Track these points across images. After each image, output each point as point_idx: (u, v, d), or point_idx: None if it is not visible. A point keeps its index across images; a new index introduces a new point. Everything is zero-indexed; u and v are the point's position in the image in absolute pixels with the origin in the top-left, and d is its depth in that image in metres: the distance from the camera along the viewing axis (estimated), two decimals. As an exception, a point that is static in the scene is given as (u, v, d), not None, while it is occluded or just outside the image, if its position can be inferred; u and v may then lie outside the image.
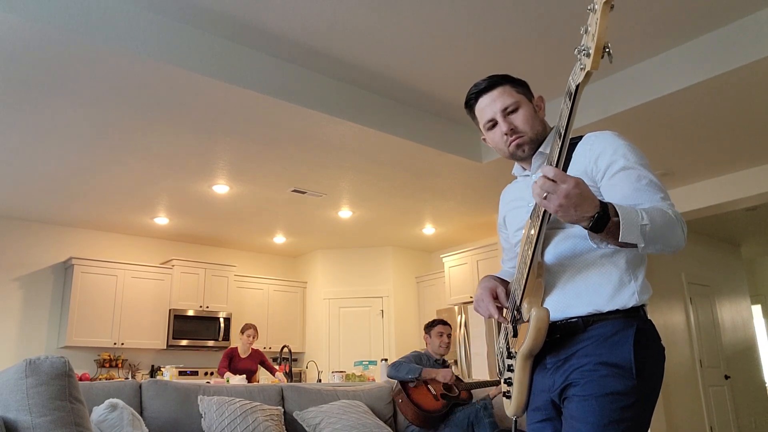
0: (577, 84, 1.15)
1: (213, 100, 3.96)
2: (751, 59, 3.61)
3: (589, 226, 1.23)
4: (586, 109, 4.42)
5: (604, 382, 1.35)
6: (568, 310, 1.44)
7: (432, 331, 4.23)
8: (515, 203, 1.68)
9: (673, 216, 1.31)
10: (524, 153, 1.56)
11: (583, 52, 1.12)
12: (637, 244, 1.25)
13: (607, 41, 1.09)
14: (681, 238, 1.32)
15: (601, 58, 1.09)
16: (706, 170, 5.47)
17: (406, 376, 3.82)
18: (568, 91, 1.18)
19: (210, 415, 3.24)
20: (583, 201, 1.20)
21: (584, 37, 1.13)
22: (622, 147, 1.45)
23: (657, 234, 1.26)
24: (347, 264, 8.18)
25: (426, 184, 5.71)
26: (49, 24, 3.14)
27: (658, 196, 1.37)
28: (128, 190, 5.76)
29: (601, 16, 1.08)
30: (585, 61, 1.11)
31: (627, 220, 1.22)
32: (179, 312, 7.08)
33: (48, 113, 4.10)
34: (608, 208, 1.23)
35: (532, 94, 1.61)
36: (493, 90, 1.57)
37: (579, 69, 1.14)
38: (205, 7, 3.50)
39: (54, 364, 1.84)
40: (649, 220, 1.25)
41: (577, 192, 1.19)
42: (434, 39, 3.84)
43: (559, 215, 1.23)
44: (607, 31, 1.08)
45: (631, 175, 1.40)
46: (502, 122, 1.55)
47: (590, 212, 1.21)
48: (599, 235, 1.26)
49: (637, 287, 1.42)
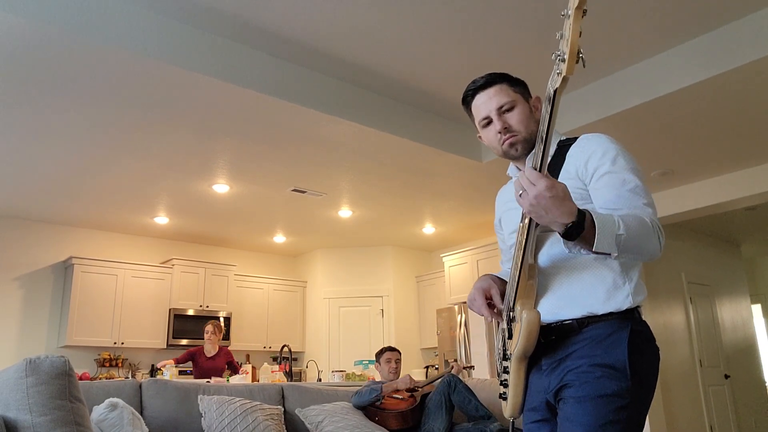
0: (555, 89, 1.18)
1: (213, 99, 3.96)
2: (751, 59, 3.61)
3: (562, 232, 1.24)
4: (586, 109, 4.42)
5: (599, 384, 1.35)
6: (562, 312, 1.44)
7: (381, 358, 4.38)
8: (510, 204, 1.68)
9: (650, 225, 1.32)
10: (517, 152, 1.56)
11: (559, 57, 1.14)
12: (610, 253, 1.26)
13: (579, 46, 1.12)
14: (656, 248, 1.33)
15: (576, 62, 1.12)
16: (705, 170, 5.47)
17: (370, 397, 3.93)
18: (548, 96, 1.20)
19: (210, 414, 3.24)
20: (554, 206, 1.21)
21: (560, 42, 1.15)
22: (612, 150, 1.45)
23: (632, 243, 1.27)
24: (347, 263, 8.18)
25: (426, 183, 5.71)
26: (49, 24, 3.15)
27: (640, 203, 1.37)
28: (128, 190, 5.76)
29: (573, 21, 1.10)
30: (561, 66, 1.14)
31: (603, 231, 1.24)
32: (179, 311, 7.09)
33: (48, 113, 4.11)
34: (585, 216, 1.24)
35: (529, 94, 1.61)
36: (490, 88, 1.58)
37: (556, 74, 1.16)
38: (205, 6, 3.50)
39: (54, 364, 1.84)
40: (625, 230, 1.25)
41: (548, 195, 1.20)
42: (434, 39, 3.84)
43: (531, 216, 1.26)
44: (579, 36, 1.11)
45: (615, 179, 1.41)
46: (497, 120, 1.55)
47: (564, 219, 1.22)
48: (572, 243, 1.27)
49: (631, 289, 1.43)
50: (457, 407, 3.80)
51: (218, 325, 6.06)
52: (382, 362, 4.37)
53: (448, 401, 3.79)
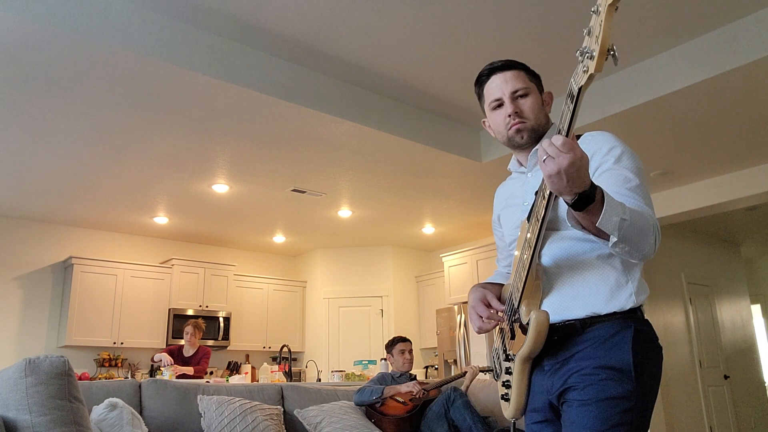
0: (579, 86, 1.13)
1: (213, 99, 3.96)
2: (751, 59, 3.61)
3: (573, 200, 1.20)
4: (587, 108, 4.42)
5: (604, 386, 1.34)
6: (565, 313, 1.43)
7: (393, 349, 4.30)
8: (510, 201, 1.66)
9: (651, 223, 1.30)
10: (522, 140, 1.55)
11: (586, 54, 1.10)
12: (610, 236, 1.22)
13: (612, 43, 1.07)
14: (651, 248, 1.30)
15: (605, 60, 1.07)
16: (705, 170, 5.47)
17: (371, 398, 3.88)
18: (570, 93, 1.17)
19: (209, 414, 3.24)
20: (579, 175, 1.17)
21: (587, 39, 1.11)
22: (618, 148, 1.44)
23: (632, 234, 1.24)
24: (347, 263, 8.18)
25: (426, 183, 5.71)
26: (49, 24, 3.14)
27: (640, 202, 1.35)
28: (128, 190, 5.76)
29: (605, 18, 1.05)
30: (588, 63, 1.09)
31: (609, 209, 1.20)
32: (179, 311, 7.08)
33: (48, 113, 4.10)
34: (597, 190, 1.21)
35: (542, 88, 1.61)
36: (508, 71, 1.57)
37: (582, 71, 1.12)
38: (205, 6, 3.50)
39: (53, 364, 1.84)
40: (629, 217, 1.23)
41: (579, 164, 1.16)
42: (434, 39, 3.84)
43: (550, 182, 1.19)
44: (611, 33, 1.06)
45: (618, 176, 1.39)
46: (509, 104, 1.54)
47: (579, 189, 1.18)
48: (579, 213, 1.23)
49: (633, 288, 1.41)
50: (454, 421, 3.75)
51: (199, 325, 6.02)
52: (395, 353, 4.26)
53: (447, 413, 3.75)
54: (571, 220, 1.30)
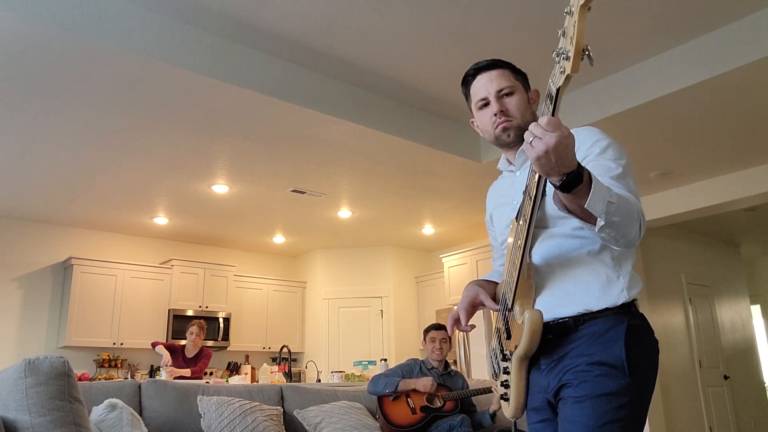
0: (557, 87, 1.14)
1: (213, 99, 3.96)
2: (751, 59, 3.61)
3: (561, 182, 1.19)
4: (586, 109, 4.42)
5: (598, 383, 1.34)
6: (558, 311, 1.43)
7: (427, 336, 4.08)
8: (501, 200, 1.66)
9: (636, 209, 1.30)
10: (509, 138, 1.55)
11: (562, 55, 1.11)
12: (597, 219, 1.21)
13: (586, 44, 1.08)
14: (637, 234, 1.30)
15: (581, 60, 1.09)
16: (706, 170, 5.47)
17: (384, 390, 3.67)
18: (549, 93, 1.17)
19: (209, 415, 3.24)
20: (566, 154, 1.16)
21: (562, 40, 1.12)
22: (604, 141, 1.45)
23: (618, 218, 1.23)
24: (347, 264, 8.18)
25: (426, 184, 5.71)
26: (49, 24, 3.14)
27: (624, 191, 1.34)
28: (128, 190, 5.75)
29: (579, 18, 1.07)
30: (564, 64, 1.11)
31: (597, 190, 1.19)
32: (178, 312, 7.08)
33: (48, 113, 4.10)
34: (584, 171, 1.20)
35: (529, 86, 1.61)
36: (492, 70, 1.58)
37: (558, 72, 1.13)
38: (205, 6, 3.50)
39: (53, 364, 1.84)
40: (616, 200, 1.22)
41: (566, 143, 1.15)
42: (434, 39, 3.84)
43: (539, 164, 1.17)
44: (585, 33, 1.07)
45: (601, 166, 1.39)
46: (495, 103, 1.54)
47: (567, 169, 1.17)
48: (567, 196, 1.22)
49: (625, 283, 1.41)
50: None
51: (203, 326, 5.99)
52: (427, 341, 4.05)
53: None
54: (558, 203, 1.29)
